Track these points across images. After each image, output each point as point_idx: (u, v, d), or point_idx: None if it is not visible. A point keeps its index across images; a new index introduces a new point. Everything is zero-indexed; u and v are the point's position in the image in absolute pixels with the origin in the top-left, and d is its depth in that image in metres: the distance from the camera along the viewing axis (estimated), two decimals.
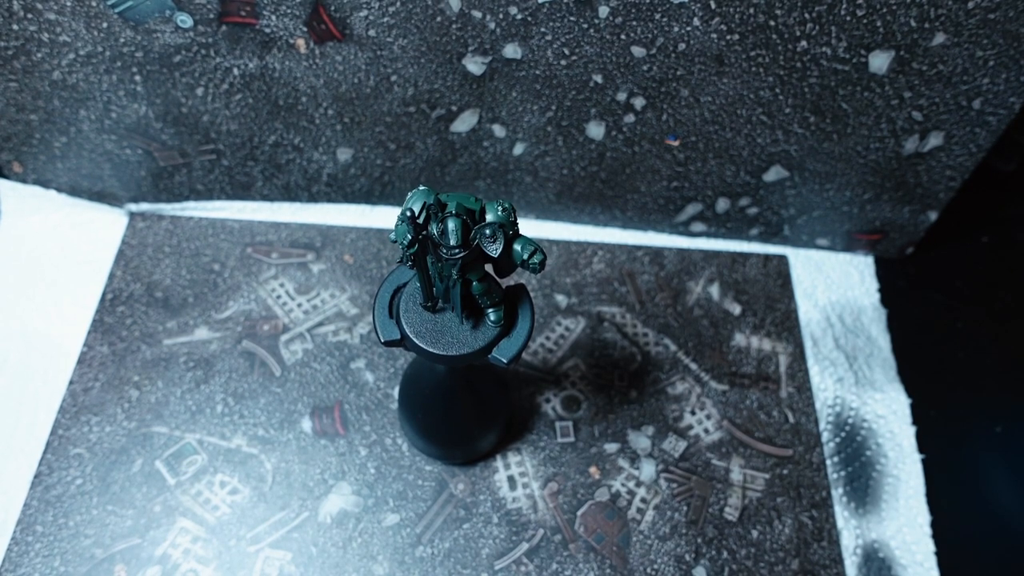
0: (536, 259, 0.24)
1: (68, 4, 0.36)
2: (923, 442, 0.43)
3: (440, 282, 0.25)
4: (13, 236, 0.45)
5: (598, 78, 0.39)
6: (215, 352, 0.42)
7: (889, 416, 0.44)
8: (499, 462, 0.40)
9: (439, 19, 0.36)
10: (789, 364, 0.45)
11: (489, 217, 0.24)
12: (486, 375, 0.35)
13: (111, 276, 0.44)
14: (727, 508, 0.39)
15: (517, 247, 0.24)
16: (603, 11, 0.36)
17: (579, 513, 0.39)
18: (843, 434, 0.43)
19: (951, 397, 0.45)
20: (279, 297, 0.44)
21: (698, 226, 0.50)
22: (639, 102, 0.40)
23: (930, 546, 0.40)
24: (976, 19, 0.35)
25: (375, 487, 0.38)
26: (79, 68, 0.39)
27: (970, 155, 0.42)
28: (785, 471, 0.41)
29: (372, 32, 0.37)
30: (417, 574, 0.36)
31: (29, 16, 0.36)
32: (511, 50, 0.38)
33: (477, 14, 0.36)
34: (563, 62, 0.38)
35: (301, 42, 0.38)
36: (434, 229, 0.23)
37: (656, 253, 0.49)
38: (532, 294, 0.46)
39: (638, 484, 0.40)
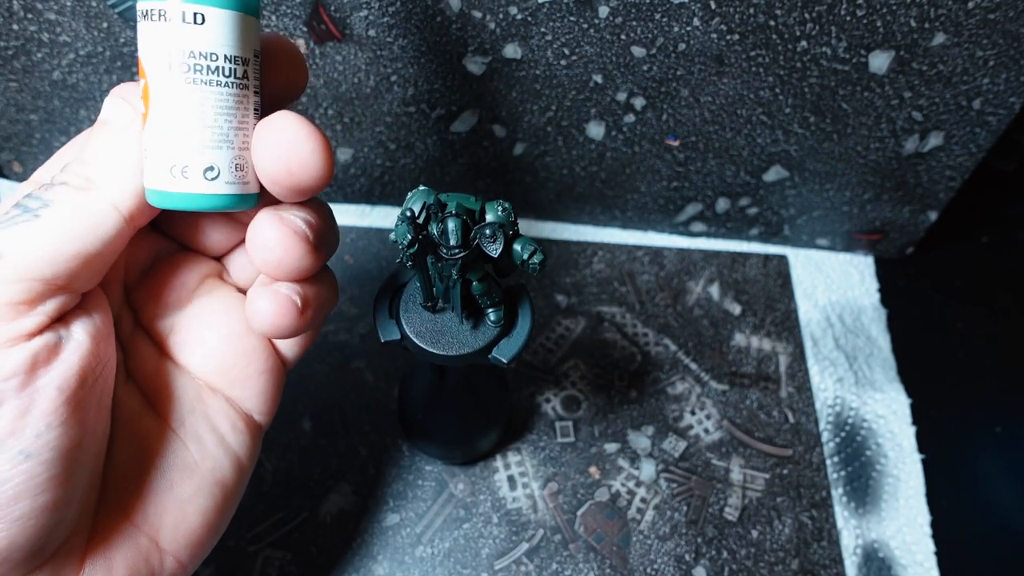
0: (536, 259, 0.24)
1: (68, 4, 0.36)
2: (923, 442, 0.43)
3: (440, 282, 0.25)
4: None
5: (598, 78, 0.39)
6: None
7: (889, 416, 0.44)
8: (499, 462, 0.40)
9: (439, 19, 0.36)
10: (789, 364, 0.45)
11: (489, 217, 0.24)
12: (486, 375, 0.35)
13: None
14: (727, 508, 0.39)
15: (517, 247, 0.24)
16: (603, 11, 0.36)
17: (579, 513, 0.39)
18: (843, 434, 0.43)
19: (951, 397, 0.45)
20: None
21: (698, 226, 0.50)
22: (639, 102, 0.40)
23: (930, 546, 0.40)
24: (976, 19, 0.35)
25: (375, 487, 0.38)
26: (79, 68, 0.39)
27: (970, 155, 0.42)
28: (785, 471, 0.41)
29: (372, 32, 0.37)
30: (417, 574, 0.36)
31: (29, 16, 0.36)
32: (511, 50, 0.38)
33: (477, 14, 0.36)
34: (563, 62, 0.38)
35: (301, 42, 0.38)
36: (434, 229, 0.23)
37: (656, 253, 0.49)
38: (532, 294, 0.46)
39: (638, 484, 0.40)
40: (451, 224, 0.23)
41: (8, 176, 0.47)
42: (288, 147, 0.21)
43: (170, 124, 0.20)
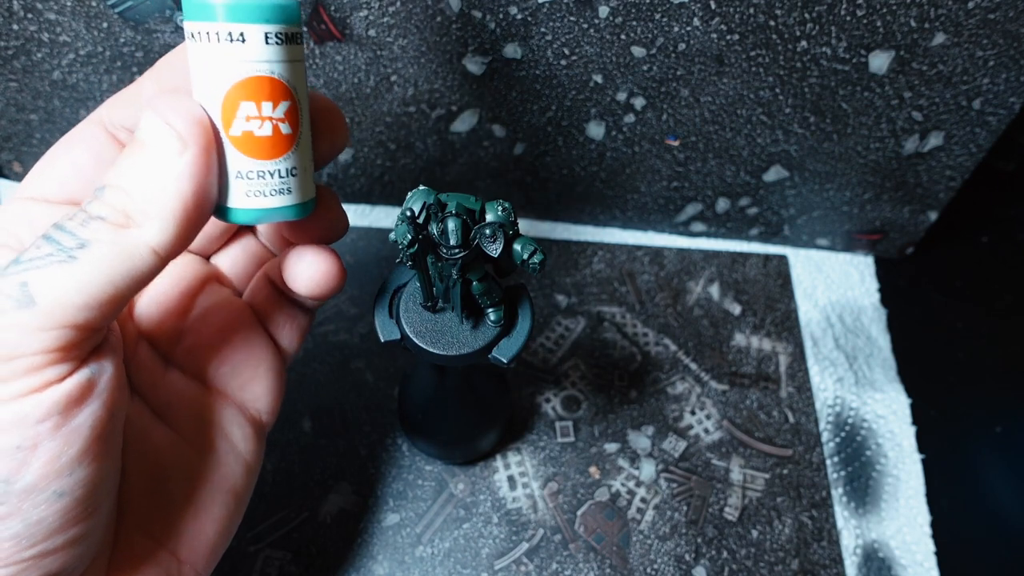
0: (536, 259, 0.24)
1: (68, 4, 0.36)
2: (923, 442, 0.43)
3: (440, 282, 0.25)
4: None
5: (598, 78, 0.39)
6: None
7: (889, 416, 0.44)
8: (499, 462, 0.40)
9: (439, 19, 0.36)
10: (789, 364, 0.45)
11: (489, 217, 0.24)
12: (486, 375, 0.35)
13: None
14: (727, 508, 0.39)
15: (517, 247, 0.24)
16: (603, 11, 0.36)
17: (579, 513, 0.39)
18: (843, 434, 0.43)
19: (951, 397, 0.45)
20: None
21: (698, 226, 0.50)
22: (639, 102, 0.40)
23: (930, 546, 0.40)
24: (976, 19, 0.35)
25: (375, 487, 0.38)
26: (79, 68, 0.39)
27: (970, 155, 0.42)
28: (785, 471, 0.41)
29: (372, 32, 0.37)
30: (417, 574, 0.36)
31: (29, 16, 0.36)
32: (511, 50, 0.38)
33: (477, 14, 0.36)
34: (563, 62, 0.38)
35: None
36: (434, 229, 0.23)
37: (656, 253, 0.49)
38: (532, 294, 0.46)
39: (638, 484, 0.40)
40: (451, 224, 0.23)
41: (8, 176, 0.47)
42: (342, 124, 0.24)
43: (310, 136, 0.22)
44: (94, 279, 0.18)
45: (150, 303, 0.25)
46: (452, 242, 0.23)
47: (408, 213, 0.23)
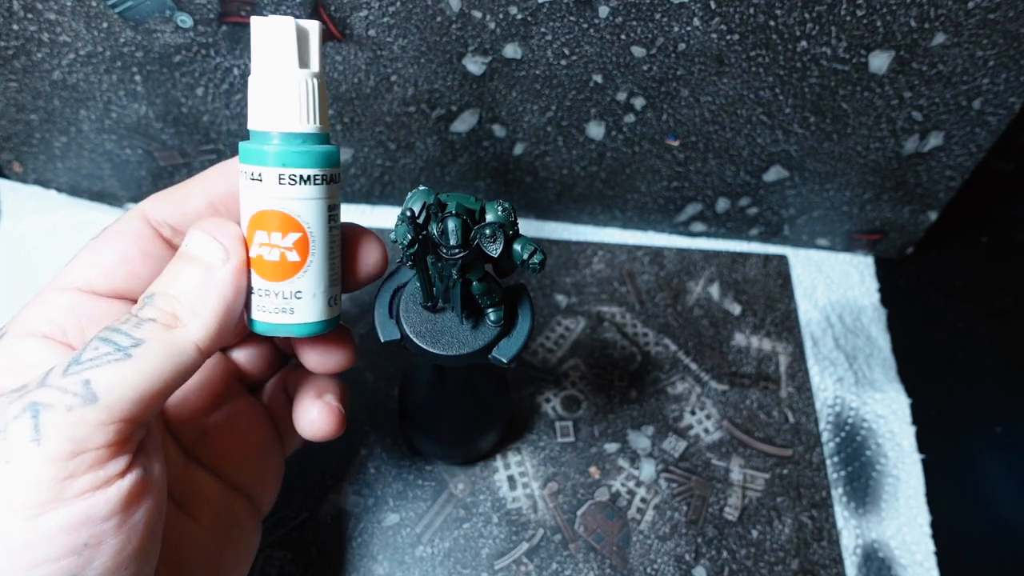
0: (536, 259, 0.24)
1: (68, 4, 0.36)
2: (923, 442, 0.43)
3: (440, 282, 0.25)
4: (13, 236, 0.46)
5: (598, 78, 0.39)
6: None
7: (889, 416, 0.44)
8: (499, 462, 0.40)
9: (439, 19, 0.36)
10: (789, 364, 0.45)
11: (489, 217, 0.24)
12: (486, 375, 0.35)
13: None
14: (727, 508, 0.39)
15: (517, 247, 0.24)
16: (603, 11, 0.36)
17: (579, 513, 0.39)
18: (843, 434, 0.43)
19: (951, 397, 0.45)
20: None
21: (698, 226, 0.50)
22: (639, 102, 0.40)
23: (930, 546, 0.40)
24: (976, 19, 0.35)
25: (375, 487, 0.38)
26: (79, 68, 0.39)
27: (970, 155, 0.42)
28: (785, 471, 0.41)
29: (372, 32, 0.37)
30: (417, 574, 0.36)
31: (29, 16, 0.36)
32: (511, 50, 0.38)
33: (477, 14, 0.36)
34: (563, 62, 0.38)
35: None
36: (434, 229, 0.23)
37: (656, 253, 0.49)
38: (532, 294, 0.46)
39: (638, 484, 0.40)
40: (451, 224, 0.23)
41: (8, 176, 0.47)
42: (380, 257, 0.26)
43: (331, 265, 0.24)
44: (147, 374, 0.20)
45: (178, 402, 0.27)
46: (452, 242, 0.23)
47: (408, 213, 0.23)
